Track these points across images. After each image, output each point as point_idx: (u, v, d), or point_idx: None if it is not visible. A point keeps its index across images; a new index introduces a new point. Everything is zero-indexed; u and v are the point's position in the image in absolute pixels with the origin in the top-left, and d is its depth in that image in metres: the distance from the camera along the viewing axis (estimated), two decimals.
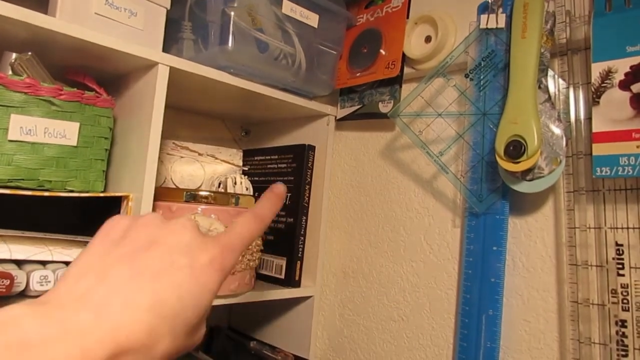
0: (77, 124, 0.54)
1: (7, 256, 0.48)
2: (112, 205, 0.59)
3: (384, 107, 0.70)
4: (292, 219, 0.74)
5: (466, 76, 0.58)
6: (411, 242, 0.67)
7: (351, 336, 0.74)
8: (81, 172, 0.55)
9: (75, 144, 0.54)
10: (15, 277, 0.45)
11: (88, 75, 0.59)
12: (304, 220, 0.74)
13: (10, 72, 0.51)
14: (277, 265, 0.74)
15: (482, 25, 0.57)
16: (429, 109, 0.65)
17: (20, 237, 0.51)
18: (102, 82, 0.60)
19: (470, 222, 0.59)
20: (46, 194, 0.52)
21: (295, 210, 0.73)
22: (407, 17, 0.68)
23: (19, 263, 0.49)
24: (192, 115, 0.85)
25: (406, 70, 0.68)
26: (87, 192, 0.56)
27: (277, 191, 0.37)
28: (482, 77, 0.57)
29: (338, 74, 0.75)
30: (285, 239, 0.74)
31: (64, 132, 0.53)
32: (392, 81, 0.69)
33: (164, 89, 0.57)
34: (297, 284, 0.73)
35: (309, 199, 0.75)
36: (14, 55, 0.51)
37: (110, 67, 0.60)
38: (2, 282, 0.44)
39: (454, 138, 0.61)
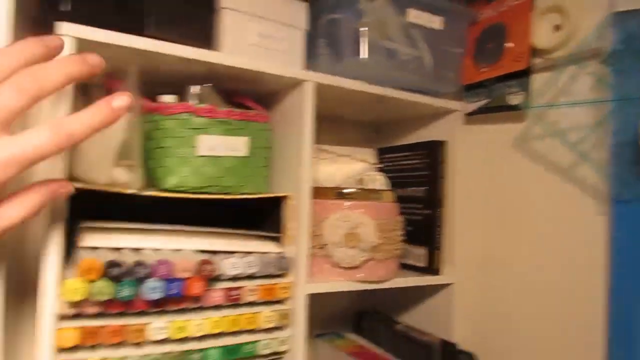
0: (246, 138, 0.65)
1: (207, 247, 0.60)
2: (274, 205, 0.69)
3: (514, 99, 0.72)
4: (429, 211, 0.79)
5: (604, 62, 0.58)
6: (551, 232, 0.68)
7: (491, 323, 0.76)
8: (251, 177, 0.66)
9: (245, 154, 0.65)
10: (215, 264, 0.57)
11: (246, 97, 0.71)
12: (440, 212, 0.78)
13: (194, 102, 0.63)
14: (418, 254, 0.80)
15: (618, 9, 0.57)
16: (561, 97, 0.65)
17: (214, 233, 0.63)
18: (256, 100, 0.71)
19: (619, 209, 0.59)
20: (227, 197, 0.64)
21: (432, 202, 0.78)
22: (533, 8, 0.69)
23: (213, 253, 0.61)
24: (329, 121, 0.94)
25: (534, 60, 0.69)
26: (256, 194, 0.66)
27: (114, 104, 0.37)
28: (621, 62, 0.57)
29: (464, 70, 0.78)
30: (424, 230, 0.79)
31: (237, 146, 0.64)
32: (520, 73, 0.71)
33: (311, 102, 0.66)
34: (437, 272, 0.77)
35: (444, 192, 0.79)
36: (196, 87, 0.64)
37: (264, 87, 0.70)
38: (208, 267, 0.56)
39: (592, 125, 0.62)
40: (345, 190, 0.72)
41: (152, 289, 0.53)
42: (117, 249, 0.57)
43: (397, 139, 0.94)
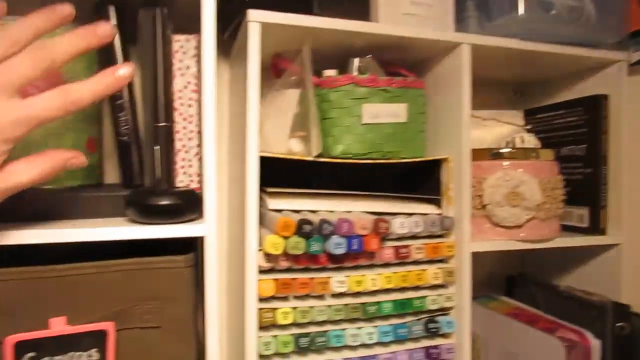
0: (406, 105, 0.67)
1: (373, 209, 0.65)
2: (429, 168, 0.71)
3: None
4: (590, 170, 0.75)
5: None
6: None
7: None
8: (410, 143, 0.69)
9: (405, 120, 0.68)
10: (388, 223, 0.61)
11: (399, 65, 0.73)
12: (604, 170, 0.75)
13: (356, 73, 0.67)
14: (579, 215, 0.77)
15: None
16: None
17: (378, 196, 0.67)
18: (408, 68, 0.73)
19: None
20: (388, 161, 0.67)
21: (594, 160, 0.75)
22: None
23: (379, 215, 0.65)
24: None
25: None
26: (415, 158, 0.69)
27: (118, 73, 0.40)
28: None
29: (629, 16, 0.73)
30: (585, 190, 0.76)
31: (397, 112, 0.67)
32: None
33: (468, 65, 0.66)
34: (603, 232, 0.74)
35: (607, 149, 0.75)
36: (357, 59, 0.67)
37: (417, 54, 0.72)
38: (383, 225, 0.60)
39: None
40: (501, 150, 0.72)
41: (337, 245, 0.58)
42: (297, 211, 0.64)
43: (546, 99, 0.90)
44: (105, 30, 0.39)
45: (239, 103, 0.64)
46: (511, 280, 0.90)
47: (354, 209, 0.66)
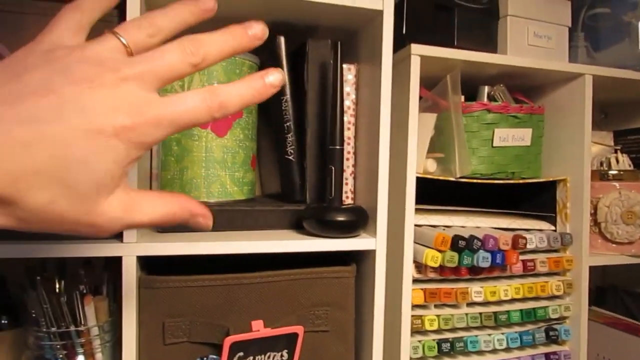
0: (530, 130, 0.73)
1: (503, 225, 0.71)
2: (539, 188, 0.77)
3: None
4: None
5: None
6: None
7: None
8: (531, 164, 0.75)
9: (528, 144, 0.73)
10: (525, 239, 0.67)
11: (517, 91, 0.79)
12: None
13: (485, 100, 0.73)
14: None
15: None
16: None
17: (498, 213, 0.73)
18: (523, 93, 0.79)
19: None
20: (511, 182, 0.73)
21: None
22: None
23: (504, 230, 0.71)
24: None
25: None
26: (535, 178, 0.75)
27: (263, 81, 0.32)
28: None
29: None
30: None
31: (522, 136, 0.73)
32: None
33: (590, 93, 0.72)
34: None
35: None
36: (486, 87, 0.73)
37: (536, 81, 0.78)
38: (522, 241, 0.66)
39: None
40: (610, 172, 0.78)
41: (483, 259, 0.64)
42: (434, 226, 0.70)
43: (633, 121, 0.96)
44: (257, 31, 0.33)
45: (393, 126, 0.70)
46: (600, 291, 0.96)
47: (481, 225, 0.72)
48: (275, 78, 0.33)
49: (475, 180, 0.70)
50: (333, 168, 0.59)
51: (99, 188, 0.26)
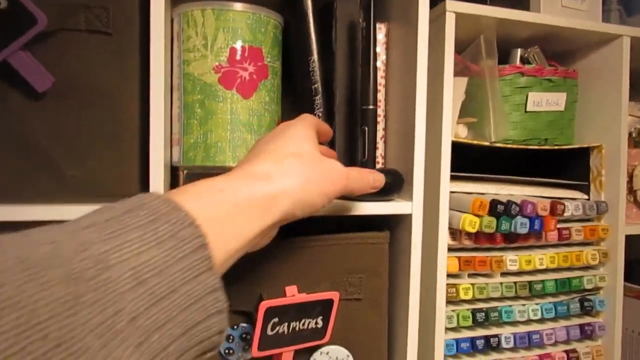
0: (565, 94, 0.70)
1: (535, 194, 0.68)
2: (574, 156, 0.74)
3: None
4: None
5: None
6: None
7: None
8: (564, 130, 0.72)
9: (562, 109, 0.71)
10: (564, 206, 0.64)
11: (549, 57, 0.76)
12: None
13: (518, 63, 0.70)
14: None
15: None
16: None
17: (530, 182, 0.70)
18: (554, 57, 0.76)
19: None
20: (545, 148, 0.70)
21: None
22: None
23: (537, 199, 0.68)
24: None
25: None
26: (566, 145, 0.72)
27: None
28: None
29: None
30: None
31: (557, 101, 0.70)
32: None
33: (628, 56, 0.69)
34: None
35: None
36: (519, 50, 0.70)
37: (569, 45, 0.75)
38: (560, 207, 0.63)
39: None
40: None
41: (521, 225, 0.61)
42: (469, 193, 0.67)
43: None
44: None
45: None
46: (628, 264, 0.94)
47: (514, 193, 0.69)
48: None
49: (509, 146, 0.67)
50: (367, 129, 0.56)
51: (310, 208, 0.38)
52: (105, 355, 0.21)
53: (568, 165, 0.76)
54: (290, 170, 0.35)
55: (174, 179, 0.60)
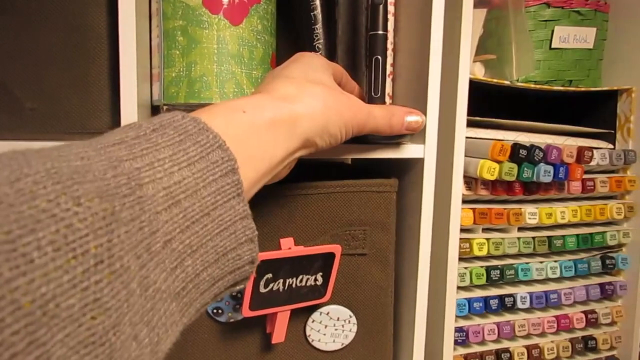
0: (594, 29, 0.63)
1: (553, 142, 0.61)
2: (600, 101, 0.67)
3: None
4: None
5: None
6: None
7: None
8: (591, 71, 0.65)
9: (591, 46, 0.63)
10: (592, 152, 0.58)
11: None
12: None
13: None
14: None
15: None
16: None
17: (550, 129, 0.63)
18: None
19: None
20: (571, 89, 0.63)
21: None
22: None
23: None
24: None
25: None
26: (595, 87, 0.65)
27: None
28: None
29: None
30: None
31: (585, 37, 0.62)
32: None
33: None
34: None
35: None
36: None
37: None
38: (588, 154, 0.57)
39: None
40: None
41: (545, 172, 0.55)
42: (483, 139, 0.60)
43: None
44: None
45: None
46: None
47: (535, 140, 0.62)
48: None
49: (532, 86, 0.60)
50: (380, 59, 0.48)
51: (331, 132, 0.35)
52: (143, 276, 0.20)
53: (593, 110, 0.69)
54: (312, 94, 0.33)
55: None
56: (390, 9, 0.55)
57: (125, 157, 0.21)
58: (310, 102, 0.33)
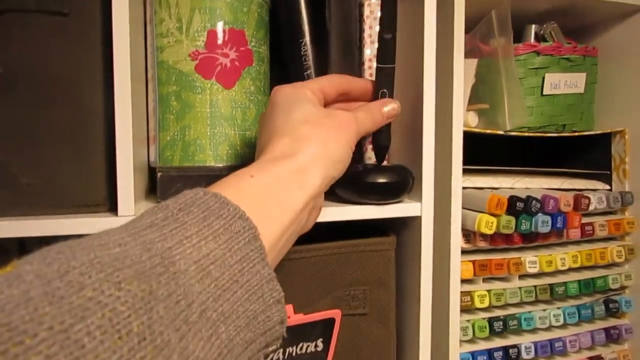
0: (584, 74, 0.63)
1: (554, 186, 0.61)
2: (594, 143, 0.68)
3: None
4: None
5: None
6: None
7: None
8: (584, 114, 0.65)
9: (582, 91, 0.64)
10: (589, 199, 0.58)
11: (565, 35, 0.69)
12: None
13: (532, 41, 0.63)
14: None
15: None
16: None
17: (545, 172, 0.64)
18: (568, 35, 0.69)
19: None
20: (565, 134, 0.64)
21: None
22: None
23: (556, 191, 0.62)
24: None
25: None
26: (586, 131, 0.65)
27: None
28: None
29: None
30: None
31: (576, 82, 0.63)
32: None
33: None
34: None
35: None
36: (534, 26, 0.63)
37: (583, 19, 0.68)
38: (585, 201, 0.57)
39: None
40: None
41: (543, 223, 0.55)
42: (480, 189, 0.60)
43: None
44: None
45: None
46: None
47: (531, 186, 0.62)
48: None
49: (525, 134, 0.60)
50: (386, 93, 0.48)
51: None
52: (183, 347, 0.21)
53: (587, 153, 0.69)
54: (306, 139, 0.35)
55: (154, 182, 0.53)
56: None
57: (157, 239, 0.24)
58: (307, 148, 0.35)
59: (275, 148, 0.35)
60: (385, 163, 0.55)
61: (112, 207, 0.43)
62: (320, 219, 0.46)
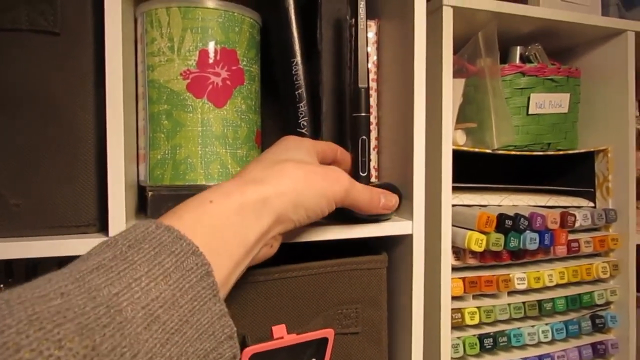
0: (568, 95, 0.65)
1: (539, 203, 0.62)
2: (578, 161, 0.69)
3: None
4: None
5: None
6: None
7: None
8: (568, 133, 0.67)
9: (566, 111, 0.65)
10: (575, 217, 0.59)
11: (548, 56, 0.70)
12: None
13: (518, 62, 0.64)
14: None
15: None
16: None
17: (531, 190, 0.65)
18: (551, 56, 0.71)
19: None
20: (550, 153, 0.65)
21: None
22: None
23: (542, 208, 0.63)
24: None
25: None
26: (570, 149, 0.67)
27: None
28: None
29: None
30: None
31: (560, 102, 0.65)
32: None
33: (633, 53, 0.64)
34: None
35: None
36: (519, 47, 0.65)
37: (566, 41, 0.70)
38: (571, 219, 0.58)
39: None
40: None
41: (531, 240, 0.56)
42: (469, 206, 0.61)
43: None
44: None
45: None
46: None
47: (518, 203, 0.63)
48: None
49: (512, 152, 0.61)
50: (366, 139, 0.49)
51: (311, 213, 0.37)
52: None
53: (572, 171, 0.71)
54: (281, 173, 0.35)
55: (143, 200, 0.52)
56: (372, 84, 0.56)
57: (103, 284, 0.23)
58: (278, 180, 0.34)
59: (250, 171, 0.36)
60: (374, 181, 0.56)
61: (102, 227, 0.43)
62: (311, 238, 0.46)
